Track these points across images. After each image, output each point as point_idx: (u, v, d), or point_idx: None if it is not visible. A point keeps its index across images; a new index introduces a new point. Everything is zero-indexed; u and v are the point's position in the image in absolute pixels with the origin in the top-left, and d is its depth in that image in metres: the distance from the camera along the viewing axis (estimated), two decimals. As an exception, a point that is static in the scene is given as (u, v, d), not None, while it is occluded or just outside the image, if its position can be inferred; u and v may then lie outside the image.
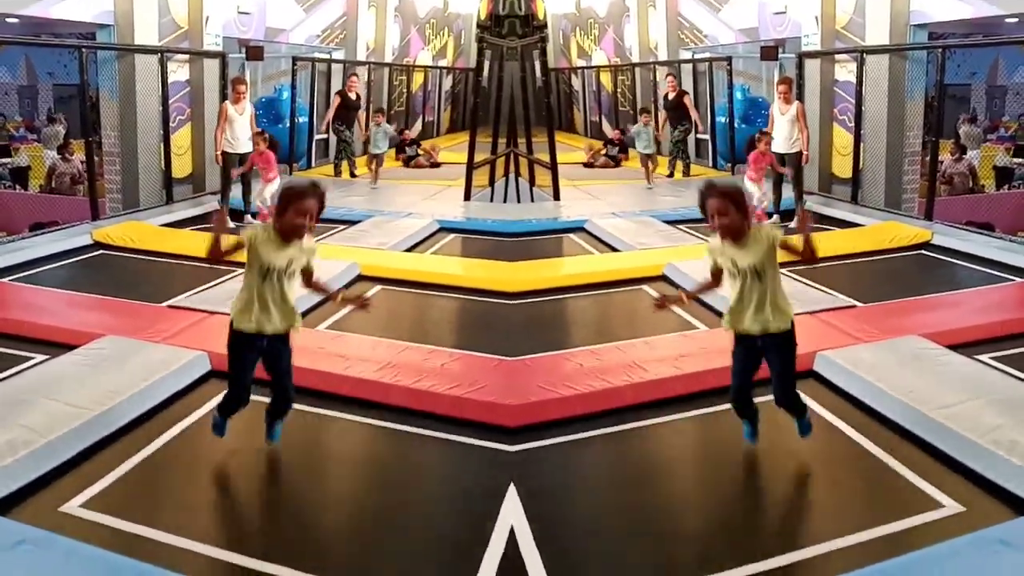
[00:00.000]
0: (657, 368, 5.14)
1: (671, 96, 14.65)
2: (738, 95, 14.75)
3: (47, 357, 5.46)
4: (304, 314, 6.49)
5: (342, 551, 3.55)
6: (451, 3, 22.95)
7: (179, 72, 11.96)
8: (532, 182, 13.16)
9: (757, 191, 9.76)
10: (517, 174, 13.26)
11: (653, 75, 17.78)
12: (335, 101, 14.76)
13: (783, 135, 9.96)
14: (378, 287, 7.56)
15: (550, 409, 4.74)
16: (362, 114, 14.98)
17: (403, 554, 3.48)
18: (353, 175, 14.63)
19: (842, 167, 12.08)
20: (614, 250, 9.07)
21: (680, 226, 10.04)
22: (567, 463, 4.32)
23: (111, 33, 11.37)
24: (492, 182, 13.16)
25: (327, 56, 16.65)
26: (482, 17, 25.07)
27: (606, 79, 21.52)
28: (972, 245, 8.63)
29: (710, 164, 15.78)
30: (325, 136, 16.35)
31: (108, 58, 11.25)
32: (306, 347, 5.08)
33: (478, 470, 4.23)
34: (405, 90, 20.32)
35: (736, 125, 14.67)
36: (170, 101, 11.64)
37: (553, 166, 12.21)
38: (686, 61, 17.00)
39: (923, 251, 8.79)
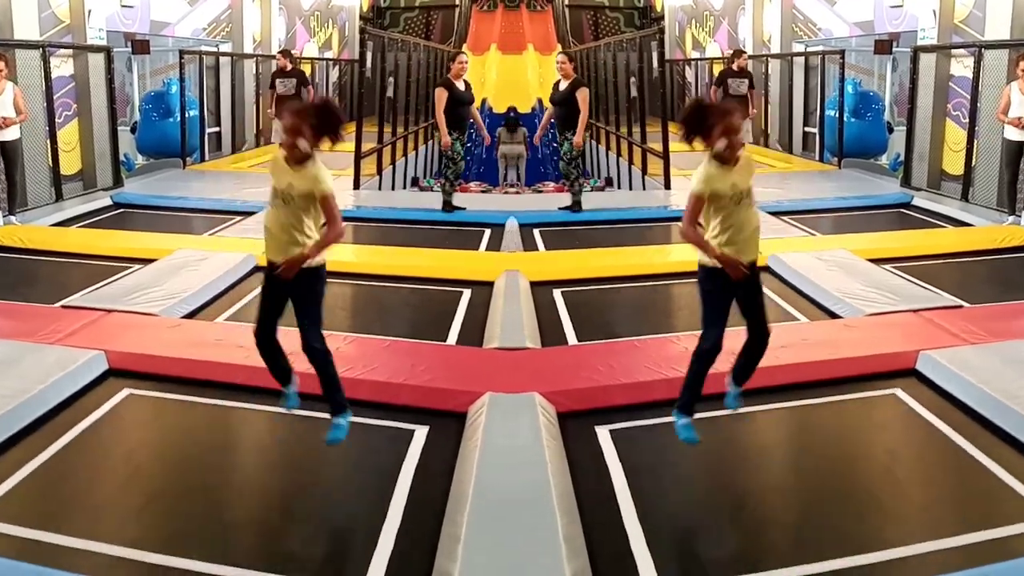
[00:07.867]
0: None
1: (563, 86, 9.51)
2: (848, 89, 14.10)
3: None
4: (201, 308, 6.23)
5: (251, 540, 3.43)
6: (333, -4, 22.06)
7: (63, 67, 10.93)
8: (644, 171, 12.92)
9: None
10: (630, 162, 12.98)
11: (765, 68, 17.19)
12: (440, 96, 9.25)
13: None
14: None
15: (655, 389, 4.67)
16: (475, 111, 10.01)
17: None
18: (453, 207, 9.71)
19: (953, 164, 11.40)
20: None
21: (784, 217, 9.65)
22: (664, 443, 4.22)
23: (-13, 29, 10.29)
24: (379, 171, 12.54)
25: (214, 49, 15.95)
26: (364, 9, 24.67)
27: (718, 71, 20.94)
28: (1089, 247, 8.00)
29: (816, 157, 15.16)
30: (217, 129, 15.07)
31: None
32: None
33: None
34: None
35: (846, 119, 14.05)
36: (55, 97, 10.54)
37: (665, 156, 11.93)
38: (798, 54, 16.39)
39: (1036, 252, 8.20)
